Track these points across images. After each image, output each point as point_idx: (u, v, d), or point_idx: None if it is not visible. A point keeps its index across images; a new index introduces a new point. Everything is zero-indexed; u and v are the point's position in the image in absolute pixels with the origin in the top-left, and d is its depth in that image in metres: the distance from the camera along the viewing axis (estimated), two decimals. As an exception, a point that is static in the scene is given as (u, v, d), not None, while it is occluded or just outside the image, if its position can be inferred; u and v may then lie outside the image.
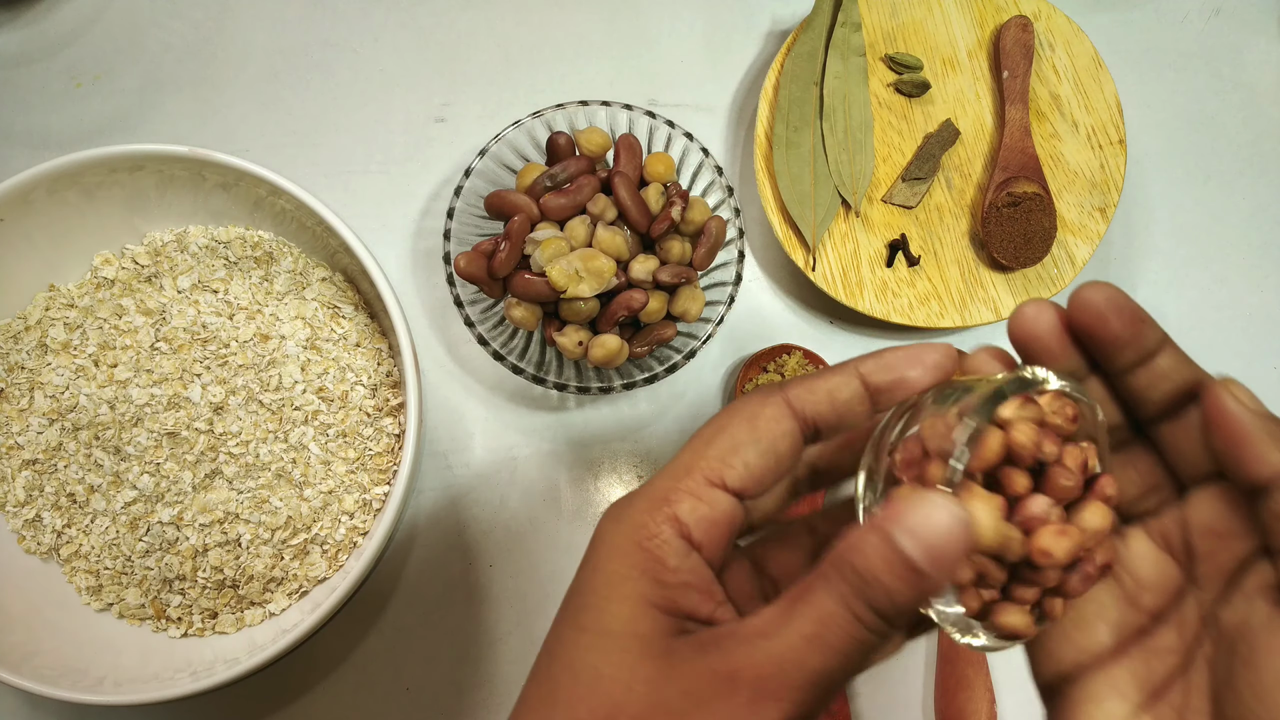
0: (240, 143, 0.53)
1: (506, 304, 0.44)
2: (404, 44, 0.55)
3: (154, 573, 0.41)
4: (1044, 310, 0.24)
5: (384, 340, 0.46)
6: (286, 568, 0.42)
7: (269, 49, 0.54)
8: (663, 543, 0.23)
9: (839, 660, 0.20)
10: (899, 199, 0.50)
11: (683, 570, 0.23)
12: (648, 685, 0.21)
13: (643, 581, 0.23)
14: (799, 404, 0.24)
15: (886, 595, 0.20)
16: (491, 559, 0.47)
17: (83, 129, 0.53)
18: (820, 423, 0.24)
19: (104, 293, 0.45)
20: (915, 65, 0.52)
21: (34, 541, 0.43)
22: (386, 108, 0.54)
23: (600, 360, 0.42)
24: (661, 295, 0.43)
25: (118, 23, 0.54)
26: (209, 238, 0.46)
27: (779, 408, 0.24)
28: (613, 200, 0.43)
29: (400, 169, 0.53)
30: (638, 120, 0.46)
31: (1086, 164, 0.51)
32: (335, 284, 0.46)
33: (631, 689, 0.21)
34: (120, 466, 0.41)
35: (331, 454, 0.43)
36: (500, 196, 0.44)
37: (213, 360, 0.43)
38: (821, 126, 0.51)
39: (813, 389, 0.24)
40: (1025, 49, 0.51)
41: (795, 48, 0.51)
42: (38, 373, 0.43)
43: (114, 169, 0.42)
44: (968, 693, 0.45)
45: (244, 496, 0.42)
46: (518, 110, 0.48)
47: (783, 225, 0.50)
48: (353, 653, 0.46)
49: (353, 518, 0.43)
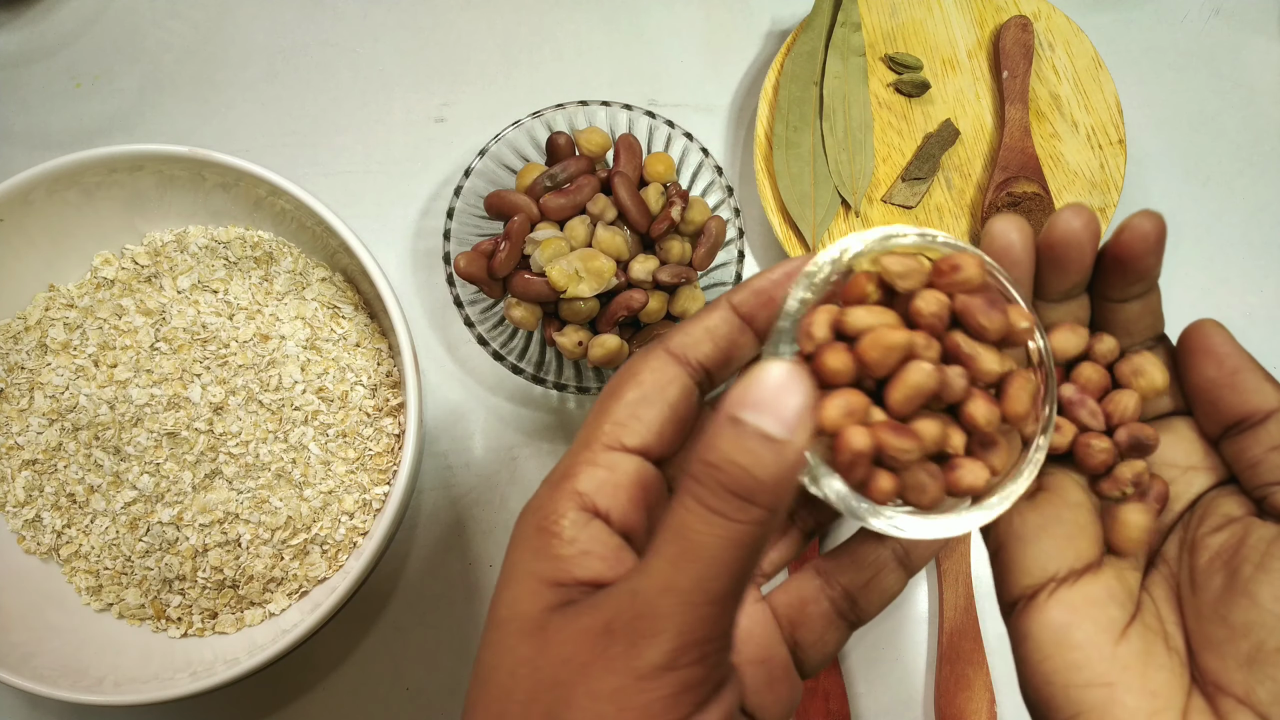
0: (240, 143, 0.53)
1: (506, 304, 0.44)
2: (404, 44, 0.55)
3: (154, 573, 0.41)
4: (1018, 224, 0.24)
5: (384, 340, 0.46)
6: (286, 568, 0.42)
7: (269, 49, 0.54)
8: (559, 518, 0.22)
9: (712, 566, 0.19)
10: (899, 199, 0.50)
11: (580, 539, 0.22)
12: (528, 665, 0.21)
13: (536, 562, 0.22)
14: (679, 349, 0.24)
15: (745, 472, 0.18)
16: (491, 559, 0.47)
17: (83, 129, 0.53)
18: (707, 363, 0.24)
19: (104, 293, 0.45)
20: (915, 65, 0.52)
21: (34, 541, 0.43)
22: (386, 108, 0.54)
23: (600, 360, 0.42)
24: (661, 295, 0.43)
25: (118, 23, 0.54)
26: (209, 238, 0.46)
27: (659, 358, 0.24)
28: (613, 200, 0.43)
29: (400, 169, 0.53)
30: (638, 120, 0.46)
31: (1086, 164, 0.51)
32: (335, 284, 0.46)
33: (515, 673, 0.21)
34: (120, 466, 0.41)
35: (331, 454, 0.43)
36: (500, 196, 0.44)
37: (213, 360, 0.43)
38: (821, 126, 0.51)
39: (689, 331, 0.24)
40: (1025, 49, 0.51)
41: (795, 48, 0.51)
42: (38, 373, 0.43)
43: (114, 169, 0.42)
44: (968, 693, 0.45)
45: (244, 496, 0.42)
46: (518, 110, 0.48)
47: (783, 225, 0.50)
48: (353, 653, 0.46)
49: (353, 518, 0.43)
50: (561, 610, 0.21)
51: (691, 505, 0.19)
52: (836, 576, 0.26)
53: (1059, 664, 0.23)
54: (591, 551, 0.22)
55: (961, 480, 0.22)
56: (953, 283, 0.22)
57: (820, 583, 0.26)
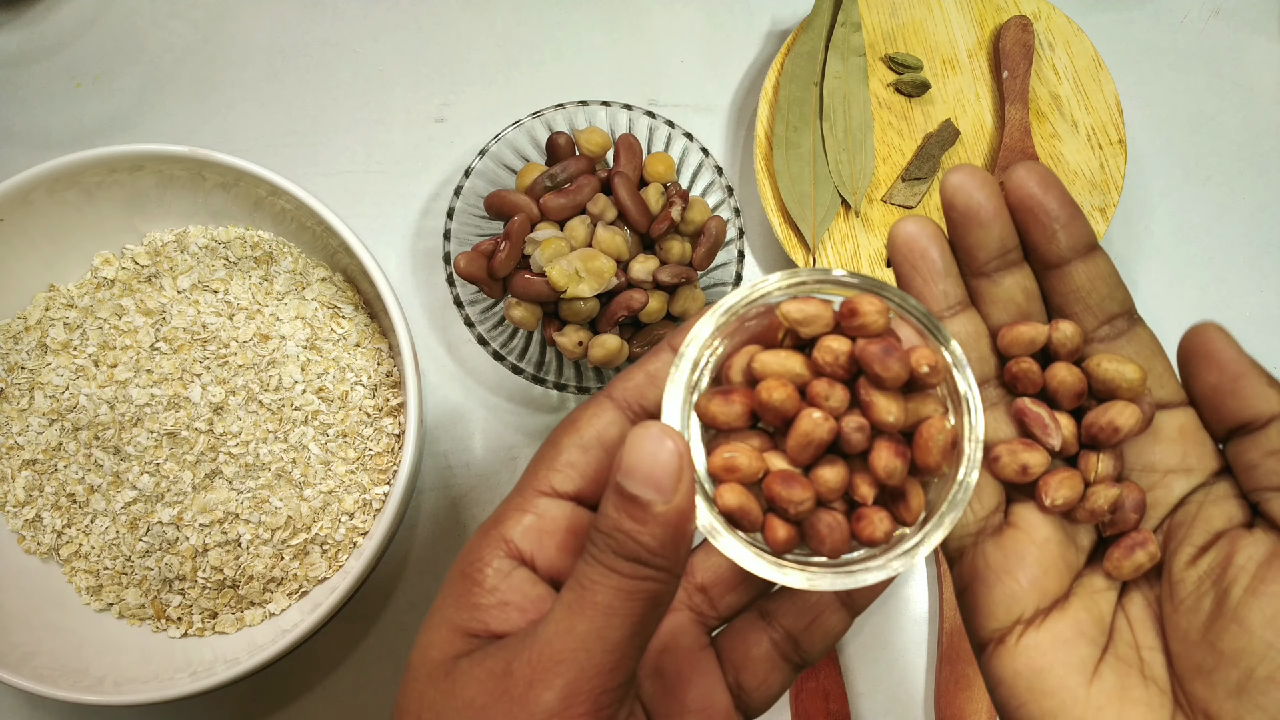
0: (240, 143, 0.53)
1: (506, 304, 0.44)
2: (404, 44, 0.55)
3: (154, 573, 0.41)
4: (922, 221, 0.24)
5: (384, 340, 0.46)
6: (286, 568, 0.42)
7: (269, 49, 0.54)
8: (483, 566, 0.23)
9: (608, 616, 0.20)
10: (899, 199, 0.50)
11: (500, 589, 0.22)
12: (433, 710, 0.21)
13: (454, 609, 0.23)
14: (619, 394, 0.24)
15: (629, 538, 0.19)
16: (491, 559, 0.47)
17: (83, 129, 0.53)
18: (648, 404, 0.24)
19: (104, 293, 0.45)
20: (915, 65, 0.52)
21: (34, 541, 0.43)
22: (386, 108, 0.54)
23: (600, 360, 0.42)
24: (661, 295, 0.43)
25: (118, 23, 0.54)
26: (209, 238, 0.46)
27: (598, 404, 0.24)
28: (613, 200, 0.43)
29: (400, 169, 0.53)
30: (638, 120, 0.46)
31: (1086, 164, 0.51)
32: (335, 284, 0.46)
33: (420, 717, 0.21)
34: (120, 466, 0.41)
35: (331, 454, 0.43)
36: (500, 196, 0.44)
37: (213, 360, 0.43)
38: (821, 126, 0.51)
39: (629, 375, 0.25)
40: (1025, 49, 0.51)
41: (795, 48, 0.51)
42: (38, 373, 0.43)
43: (114, 169, 0.42)
44: (968, 693, 0.45)
45: (244, 496, 0.42)
46: (518, 110, 0.48)
47: (783, 225, 0.50)
48: (353, 653, 0.46)
49: (353, 518, 0.43)
50: (469, 656, 0.22)
51: (589, 559, 0.20)
52: (778, 619, 0.26)
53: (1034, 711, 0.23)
54: (510, 602, 0.22)
55: (862, 531, 0.22)
56: (852, 327, 0.22)
57: (763, 624, 0.26)
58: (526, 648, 0.20)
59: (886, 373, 0.21)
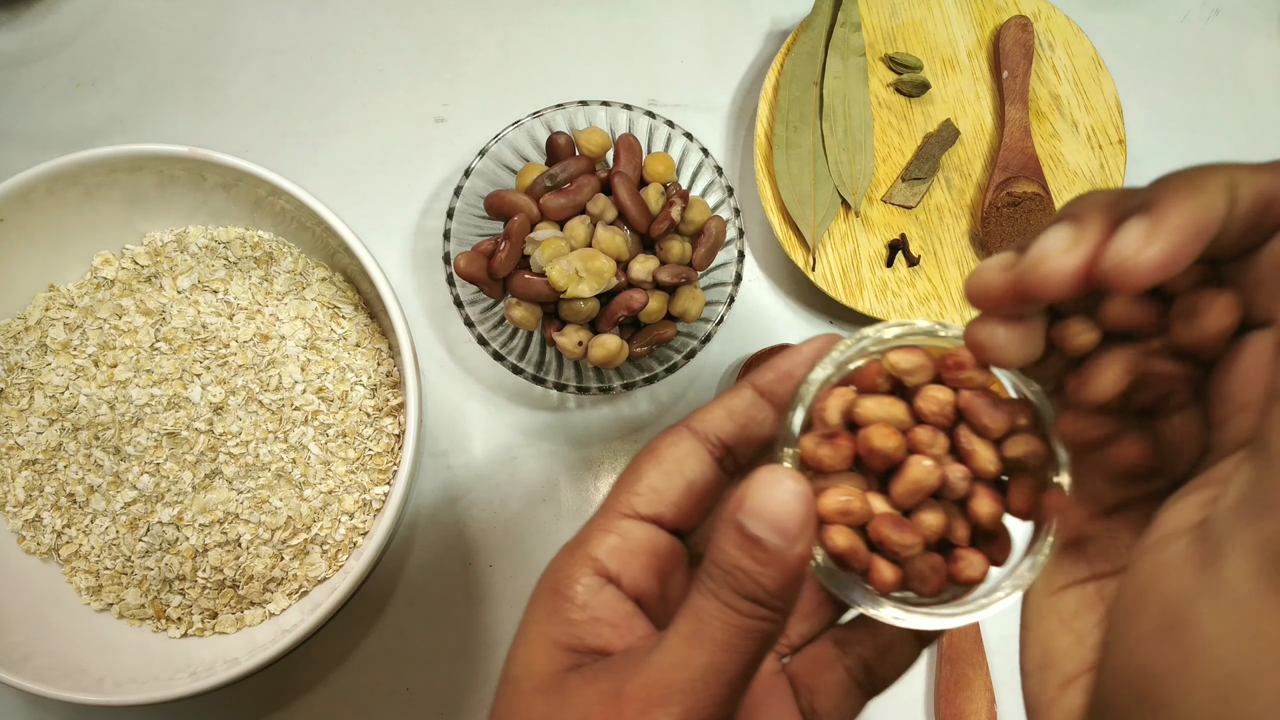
0: (240, 143, 0.53)
1: (506, 304, 0.44)
2: (404, 44, 0.55)
3: (154, 573, 0.41)
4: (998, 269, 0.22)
5: (384, 340, 0.46)
6: (286, 568, 0.42)
7: (269, 49, 0.54)
8: (573, 583, 0.23)
9: (725, 652, 0.20)
10: (899, 199, 0.50)
11: (591, 606, 0.23)
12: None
13: (549, 623, 0.23)
14: (699, 425, 0.26)
15: (750, 579, 0.20)
16: (491, 559, 0.47)
17: (83, 129, 0.53)
18: (726, 438, 0.25)
19: (104, 293, 0.45)
20: (915, 65, 0.52)
21: (34, 541, 0.43)
22: (386, 108, 0.54)
23: (600, 360, 0.42)
24: (661, 295, 0.43)
25: (118, 23, 0.54)
26: (209, 238, 0.46)
27: (677, 433, 0.25)
28: (613, 200, 0.43)
29: (400, 169, 0.53)
30: (638, 120, 0.46)
31: (1086, 164, 0.51)
32: (335, 284, 0.46)
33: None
34: (120, 466, 0.41)
35: (331, 454, 0.43)
36: (500, 196, 0.44)
37: (213, 360, 0.43)
38: (821, 126, 0.51)
39: (708, 408, 0.26)
40: (1025, 49, 0.51)
41: (795, 48, 0.51)
42: (38, 373, 0.43)
43: (114, 169, 0.42)
44: (968, 693, 0.45)
45: (244, 496, 0.42)
46: (518, 110, 0.48)
47: (783, 225, 0.50)
48: (353, 653, 0.46)
49: (353, 518, 0.43)
50: (577, 671, 0.22)
51: (706, 593, 0.21)
52: (853, 647, 0.27)
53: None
54: (601, 618, 0.23)
55: (961, 572, 0.23)
56: (957, 380, 0.22)
57: (837, 652, 0.27)
58: (640, 673, 0.21)
59: (993, 424, 0.22)
